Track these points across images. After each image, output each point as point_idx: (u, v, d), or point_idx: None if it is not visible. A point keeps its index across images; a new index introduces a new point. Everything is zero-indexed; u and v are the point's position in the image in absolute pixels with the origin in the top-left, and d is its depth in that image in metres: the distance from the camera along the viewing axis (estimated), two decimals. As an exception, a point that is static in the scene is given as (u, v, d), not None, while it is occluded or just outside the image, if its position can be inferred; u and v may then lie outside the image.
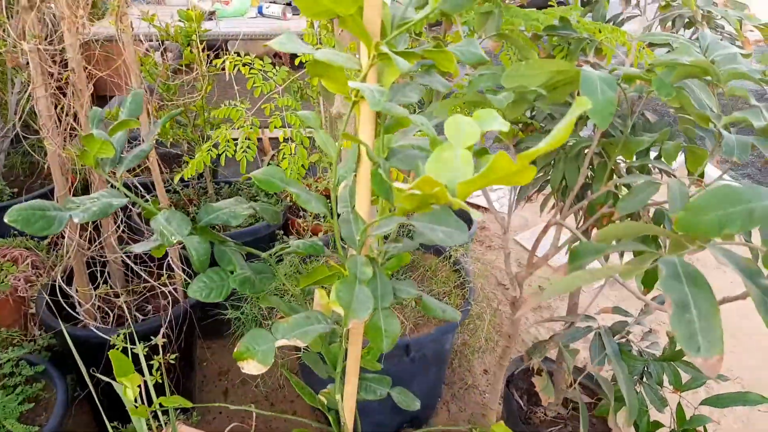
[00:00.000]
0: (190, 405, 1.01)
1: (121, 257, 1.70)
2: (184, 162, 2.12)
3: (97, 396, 1.23)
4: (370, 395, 1.00)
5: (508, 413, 1.57)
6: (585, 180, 1.06)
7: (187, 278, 1.72)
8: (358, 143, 0.73)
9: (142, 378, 1.05)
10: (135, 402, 1.03)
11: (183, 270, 1.73)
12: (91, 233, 1.62)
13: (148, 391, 1.13)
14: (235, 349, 0.74)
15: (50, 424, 1.39)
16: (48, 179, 2.45)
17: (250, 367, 0.73)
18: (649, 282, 0.98)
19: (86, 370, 1.20)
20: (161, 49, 2.13)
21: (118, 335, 1.28)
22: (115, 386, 1.04)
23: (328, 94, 1.56)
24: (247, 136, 1.71)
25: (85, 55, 1.49)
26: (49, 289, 1.67)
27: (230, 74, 1.79)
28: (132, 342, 1.24)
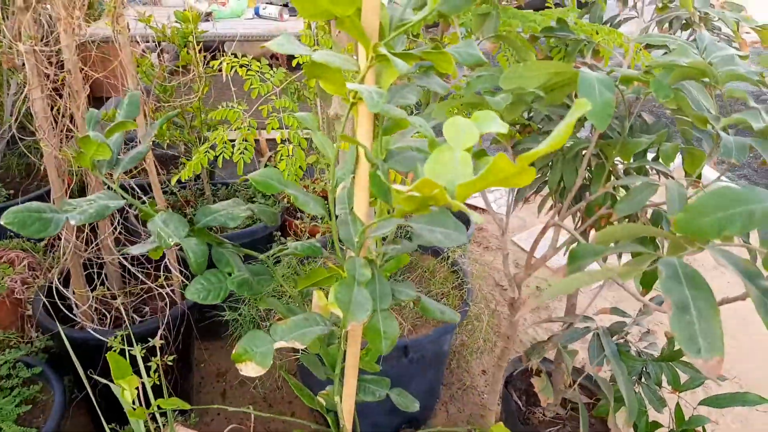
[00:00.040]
0: (188, 407, 1.01)
1: (118, 259, 1.70)
2: (181, 164, 2.12)
3: (94, 398, 1.23)
4: (369, 397, 0.99)
5: (507, 414, 1.57)
6: (583, 181, 1.06)
7: (185, 280, 1.72)
8: (357, 145, 0.73)
9: (140, 380, 1.05)
10: (133, 404, 1.02)
11: (180, 271, 1.72)
12: (88, 235, 1.61)
13: (145, 393, 1.13)
14: (234, 350, 0.73)
15: (48, 426, 1.38)
16: (44, 181, 2.45)
17: (249, 368, 0.73)
18: (647, 283, 0.98)
19: (84, 372, 1.20)
20: (158, 50, 2.13)
21: (116, 337, 1.28)
22: (112, 388, 1.04)
23: (326, 95, 1.55)
24: (245, 138, 1.70)
25: (82, 57, 1.48)
26: (46, 290, 1.66)
27: (227, 76, 1.79)
28: (129, 344, 1.23)
